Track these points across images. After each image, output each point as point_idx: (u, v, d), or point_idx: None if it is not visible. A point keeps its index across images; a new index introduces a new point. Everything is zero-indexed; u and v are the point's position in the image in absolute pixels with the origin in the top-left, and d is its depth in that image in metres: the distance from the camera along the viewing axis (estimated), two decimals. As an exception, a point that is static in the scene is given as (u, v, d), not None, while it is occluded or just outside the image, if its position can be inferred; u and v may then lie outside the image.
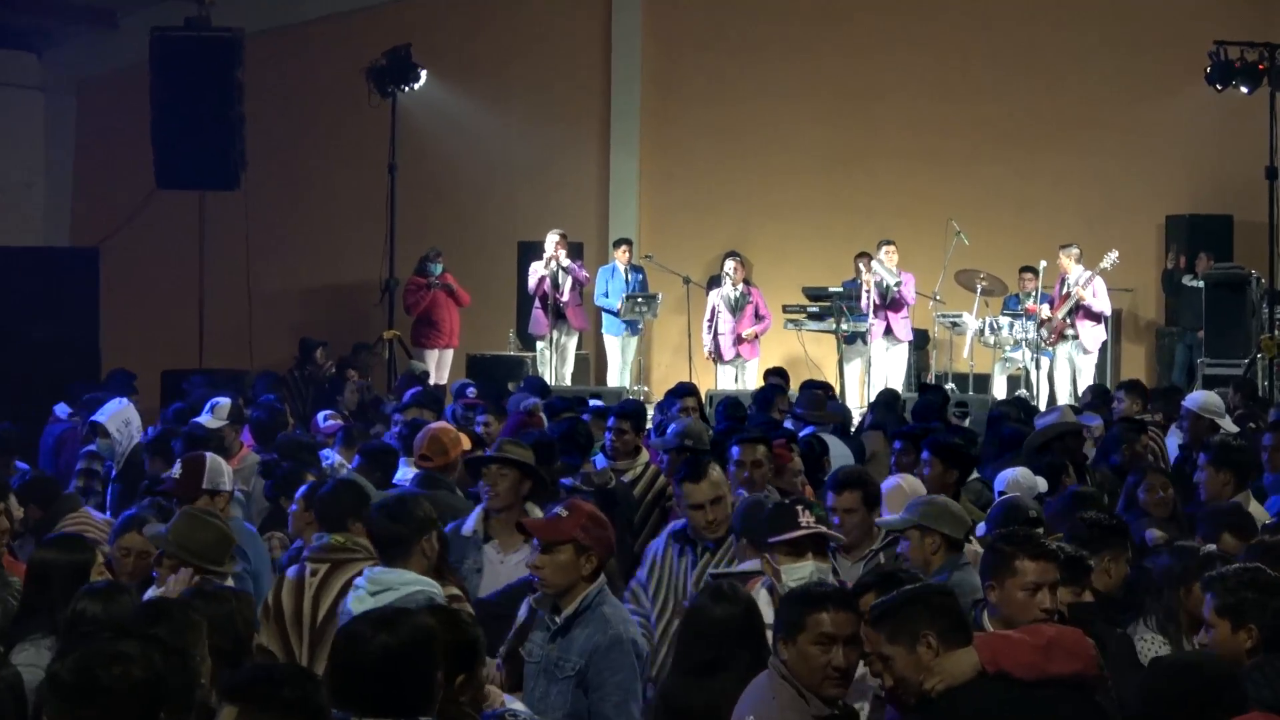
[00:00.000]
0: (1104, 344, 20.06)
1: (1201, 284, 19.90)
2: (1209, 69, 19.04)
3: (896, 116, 22.76)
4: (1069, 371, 19.73)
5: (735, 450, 9.38)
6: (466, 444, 10.38)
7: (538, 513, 8.16)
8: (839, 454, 11.82)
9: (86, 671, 4.29)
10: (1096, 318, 19.60)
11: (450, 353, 21.26)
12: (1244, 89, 19.00)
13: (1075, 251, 19.60)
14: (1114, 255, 19.21)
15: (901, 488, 8.85)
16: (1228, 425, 11.97)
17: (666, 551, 8.16)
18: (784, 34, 23.09)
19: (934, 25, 22.82)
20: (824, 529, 6.96)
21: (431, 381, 19.26)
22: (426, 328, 21.10)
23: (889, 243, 19.93)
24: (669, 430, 11.27)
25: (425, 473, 9.88)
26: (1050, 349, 19.64)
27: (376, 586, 6.34)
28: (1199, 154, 21.91)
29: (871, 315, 19.55)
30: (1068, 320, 19.51)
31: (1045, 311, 19.53)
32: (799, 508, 6.96)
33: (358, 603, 6.20)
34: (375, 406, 16.19)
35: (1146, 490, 9.24)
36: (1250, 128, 19.50)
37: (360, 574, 6.60)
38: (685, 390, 13.91)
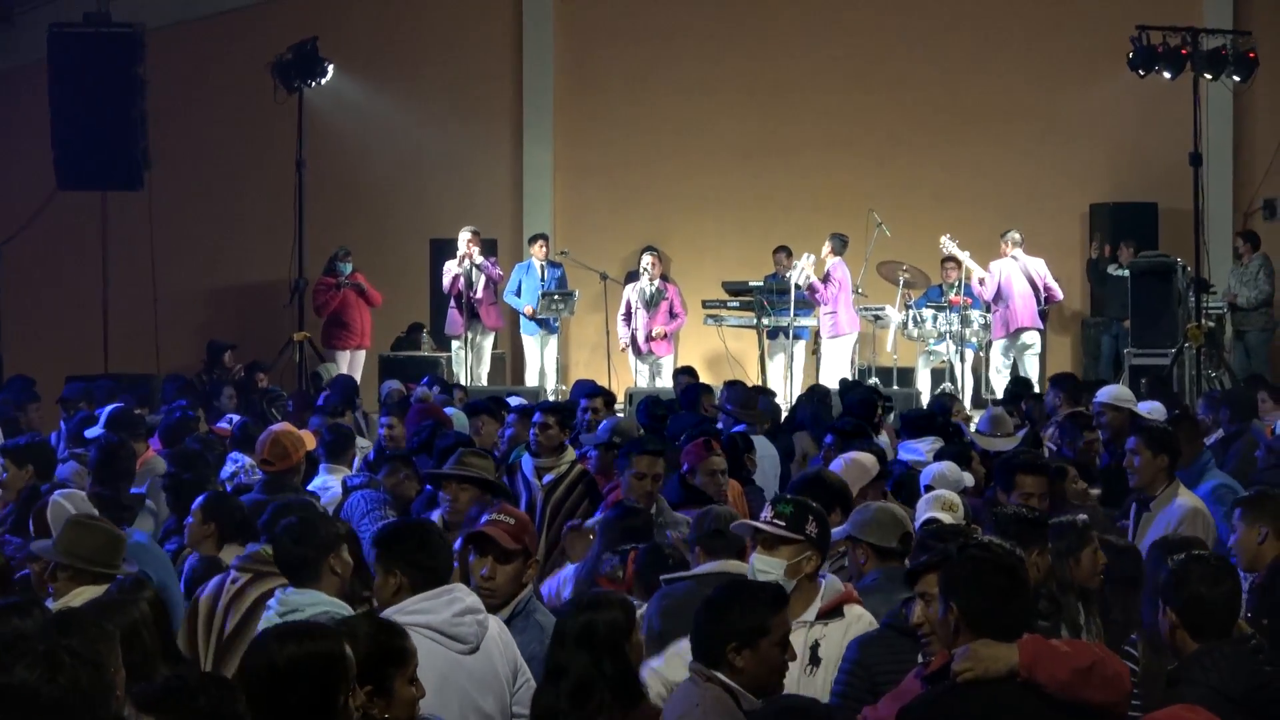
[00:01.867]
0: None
1: (1127, 273, 19.90)
2: (1131, 54, 18.95)
3: (814, 107, 22.70)
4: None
5: (631, 461, 9.07)
6: (311, 444, 10.54)
7: None
8: (765, 453, 11.89)
9: (23, 684, 4.20)
10: (985, 310, 19.42)
11: (362, 354, 20.95)
12: (1167, 74, 18.92)
13: (1014, 236, 19.45)
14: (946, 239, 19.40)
15: (859, 463, 8.86)
16: (1145, 412, 11.90)
17: None
18: (699, 25, 22.97)
19: (851, 14, 22.77)
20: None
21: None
22: (337, 328, 20.75)
23: (840, 238, 19.62)
24: (600, 426, 11.35)
25: (269, 476, 9.90)
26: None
27: (285, 608, 6.37)
28: (1122, 141, 22.03)
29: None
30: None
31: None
32: None
33: (267, 624, 6.19)
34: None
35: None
36: (1174, 114, 19.46)
37: (273, 594, 6.61)
38: (593, 391, 13.77)
